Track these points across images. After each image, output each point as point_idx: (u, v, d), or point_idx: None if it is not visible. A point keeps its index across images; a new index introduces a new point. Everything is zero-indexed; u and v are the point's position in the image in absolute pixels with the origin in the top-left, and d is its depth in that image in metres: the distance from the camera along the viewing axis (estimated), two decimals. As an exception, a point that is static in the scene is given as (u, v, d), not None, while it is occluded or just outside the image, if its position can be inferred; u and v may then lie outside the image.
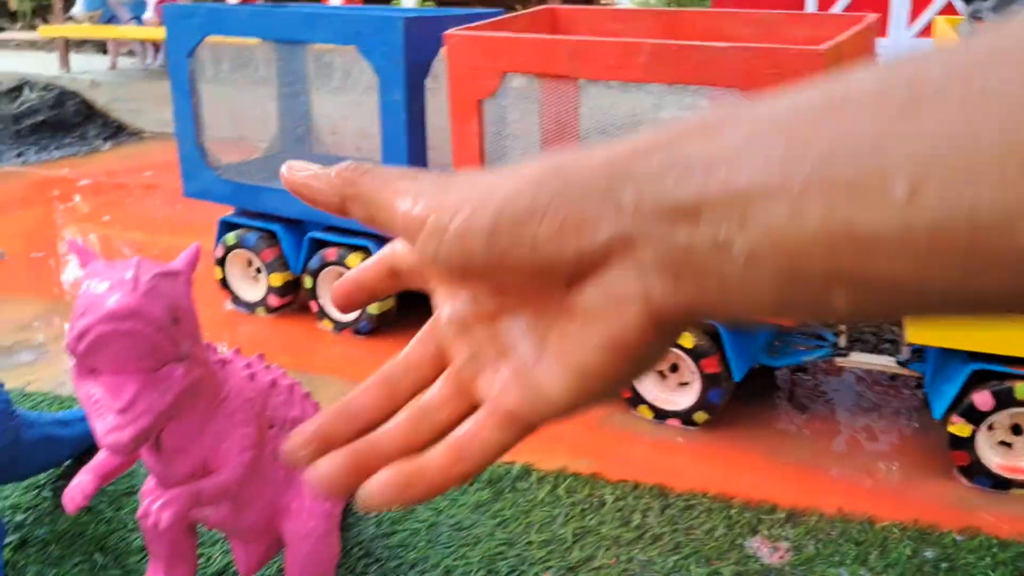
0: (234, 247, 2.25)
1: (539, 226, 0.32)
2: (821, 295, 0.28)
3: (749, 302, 0.30)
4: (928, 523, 1.44)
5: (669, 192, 0.30)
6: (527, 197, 0.33)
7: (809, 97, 0.28)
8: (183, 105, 2.22)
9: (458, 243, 0.33)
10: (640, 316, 0.33)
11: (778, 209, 0.27)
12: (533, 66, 1.67)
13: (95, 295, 0.51)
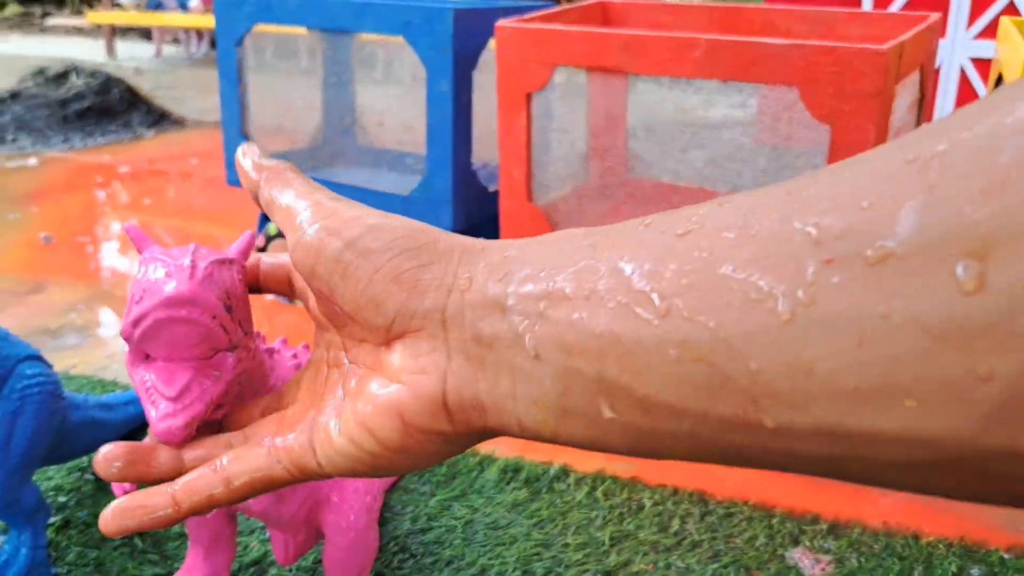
0: (275, 237, 2.25)
1: (383, 265, 0.35)
2: (591, 402, 0.30)
3: (534, 400, 0.32)
4: (975, 540, 1.40)
5: (491, 287, 0.33)
6: (384, 240, 0.36)
7: (623, 224, 0.32)
8: (230, 94, 2.22)
9: (314, 249, 0.37)
10: (433, 392, 0.35)
11: (566, 312, 0.30)
12: (585, 59, 1.64)
13: (152, 281, 0.50)
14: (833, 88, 1.40)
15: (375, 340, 0.38)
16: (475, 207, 2.01)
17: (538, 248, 0.34)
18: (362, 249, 0.36)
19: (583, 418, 0.31)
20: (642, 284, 0.28)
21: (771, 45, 1.44)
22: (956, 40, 2.73)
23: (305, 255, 0.38)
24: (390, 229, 0.37)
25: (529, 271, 0.33)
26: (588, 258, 0.31)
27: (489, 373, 0.33)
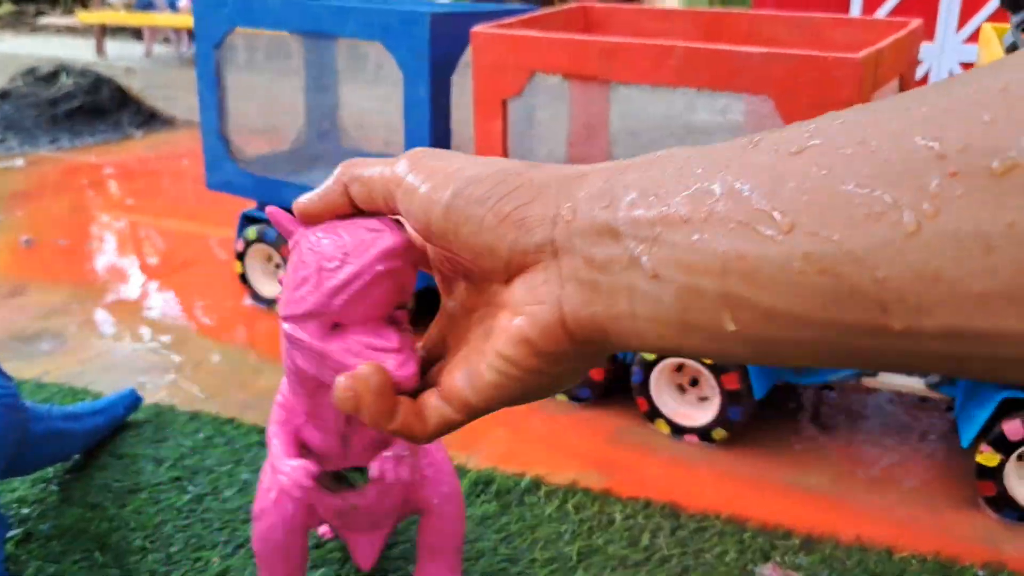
0: (254, 242, 2.23)
1: (488, 211, 0.38)
2: (713, 316, 0.32)
3: (654, 318, 0.34)
4: (950, 556, 1.38)
5: (598, 214, 0.35)
6: (486, 186, 0.38)
7: (726, 145, 0.33)
8: (209, 96, 2.20)
9: (424, 205, 0.39)
10: (550, 319, 0.37)
11: (684, 235, 0.32)
12: (561, 66, 1.62)
13: (352, 242, 0.51)
14: (808, 98, 1.38)
15: (497, 280, 0.40)
16: (454, 213, 1.99)
17: (639, 173, 0.35)
18: (467, 200, 0.38)
19: (705, 332, 0.33)
20: (762, 203, 0.30)
21: (746, 54, 1.42)
22: (945, 44, 2.71)
23: (420, 214, 0.40)
24: (488, 176, 0.39)
25: (635, 196, 0.34)
26: (700, 180, 0.32)
27: (604, 295, 0.35)
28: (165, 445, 1.63)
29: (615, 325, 0.36)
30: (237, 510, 1.44)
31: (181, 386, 1.88)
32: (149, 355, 2.03)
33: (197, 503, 1.46)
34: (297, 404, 0.89)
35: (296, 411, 0.91)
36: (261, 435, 1.68)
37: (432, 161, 0.41)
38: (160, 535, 1.38)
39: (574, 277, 0.36)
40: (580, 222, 0.36)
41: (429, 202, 0.40)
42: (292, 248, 0.56)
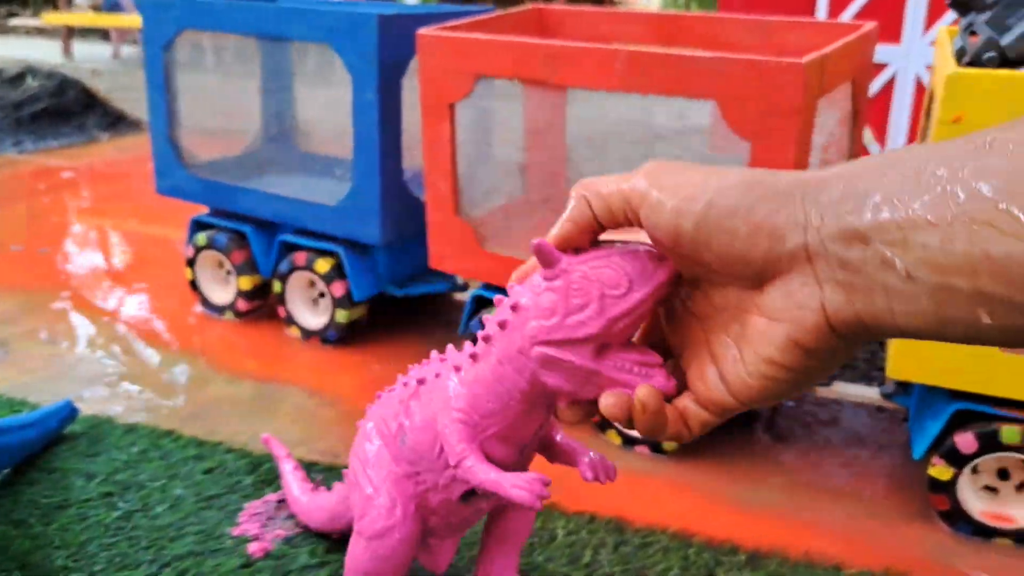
0: (204, 248, 2.18)
1: (740, 222, 0.40)
2: (969, 312, 0.34)
3: (912, 313, 0.37)
4: (900, 572, 1.35)
5: (845, 218, 0.38)
6: (733, 198, 0.41)
7: (957, 146, 0.35)
8: (158, 100, 2.15)
9: (674, 219, 0.42)
10: (817, 321, 0.40)
11: (933, 237, 0.34)
12: (507, 70, 1.58)
13: (635, 270, 0.58)
14: (753, 103, 1.35)
15: (742, 286, 0.43)
16: (406, 218, 1.95)
17: (877, 177, 0.37)
18: (719, 212, 0.41)
19: (962, 324, 0.35)
20: (1004, 204, 0.32)
21: (691, 59, 1.39)
22: (912, 47, 2.68)
23: (669, 227, 0.43)
24: (733, 187, 0.41)
25: (878, 199, 0.36)
26: (940, 184, 0.34)
27: (861, 294, 0.38)
28: (98, 459, 1.58)
29: (876, 320, 0.38)
30: (167, 527, 1.39)
31: (123, 397, 1.83)
32: (94, 365, 1.97)
33: (126, 520, 1.41)
34: (497, 422, 0.87)
35: (482, 427, 0.88)
36: (200, 448, 1.63)
37: (672, 176, 0.44)
38: (84, 554, 1.33)
39: (831, 279, 0.39)
40: (829, 227, 0.38)
41: (678, 215, 0.43)
42: (555, 277, 0.63)
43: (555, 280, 0.64)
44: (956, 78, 1.22)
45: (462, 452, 0.89)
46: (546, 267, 0.64)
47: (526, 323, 0.70)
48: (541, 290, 0.66)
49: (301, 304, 2.10)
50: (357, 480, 1.11)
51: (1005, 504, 1.45)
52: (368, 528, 1.07)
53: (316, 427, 1.73)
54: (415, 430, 1.00)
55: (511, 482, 0.86)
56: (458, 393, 0.89)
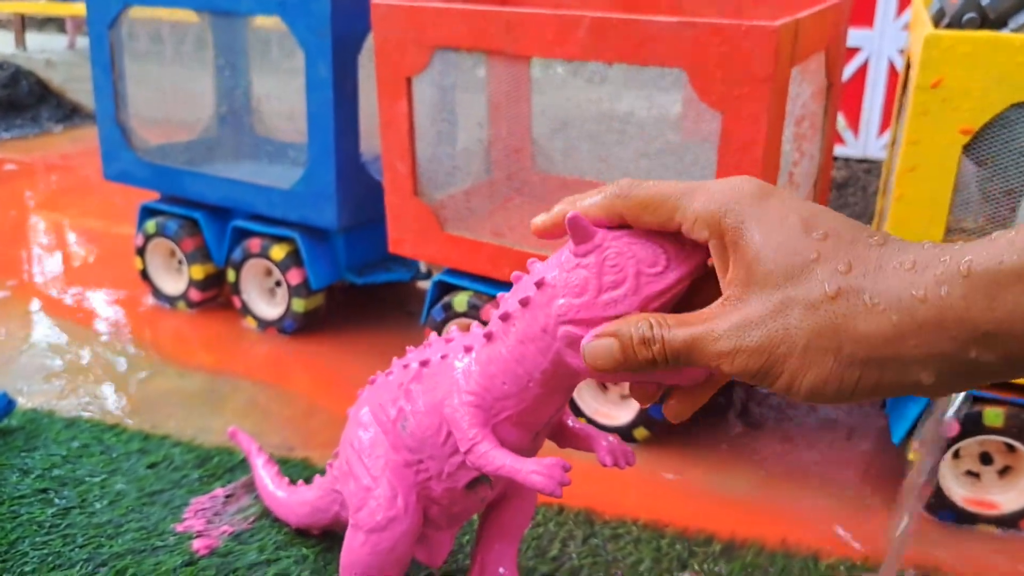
0: (154, 235, 2.08)
1: (849, 399, 0.43)
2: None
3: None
4: (880, 561, 1.29)
5: (974, 361, 0.39)
6: (832, 384, 0.41)
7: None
8: (103, 81, 2.05)
9: (779, 391, 0.44)
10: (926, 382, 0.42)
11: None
12: (465, 41, 1.51)
13: (673, 251, 0.57)
14: (722, 71, 1.28)
15: None
16: (365, 202, 1.87)
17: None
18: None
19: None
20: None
21: (657, 24, 1.32)
22: (884, 30, 2.64)
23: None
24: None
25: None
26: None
27: None
28: (35, 454, 1.48)
29: None
30: (105, 524, 1.30)
31: (65, 390, 1.73)
32: (36, 357, 1.87)
33: (62, 517, 1.32)
34: (513, 405, 0.82)
35: (496, 411, 0.83)
36: (144, 443, 1.54)
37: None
38: (14, 553, 1.24)
39: None
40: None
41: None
42: (588, 252, 0.60)
43: (588, 256, 0.61)
44: (934, 40, 1.16)
45: (475, 437, 0.83)
46: (579, 242, 0.60)
47: (553, 301, 0.66)
48: (572, 266, 0.62)
49: (256, 293, 2.01)
50: (351, 471, 1.03)
51: (988, 490, 1.39)
52: (367, 521, 0.99)
53: (269, 420, 1.64)
54: (418, 415, 0.93)
55: (530, 468, 0.80)
56: (470, 375, 0.84)
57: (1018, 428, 1.32)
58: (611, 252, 0.59)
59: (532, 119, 1.94)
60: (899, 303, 0.39)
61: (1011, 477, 1.38)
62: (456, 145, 1.89)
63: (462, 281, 1.67)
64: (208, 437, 1.57)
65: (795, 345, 0.42)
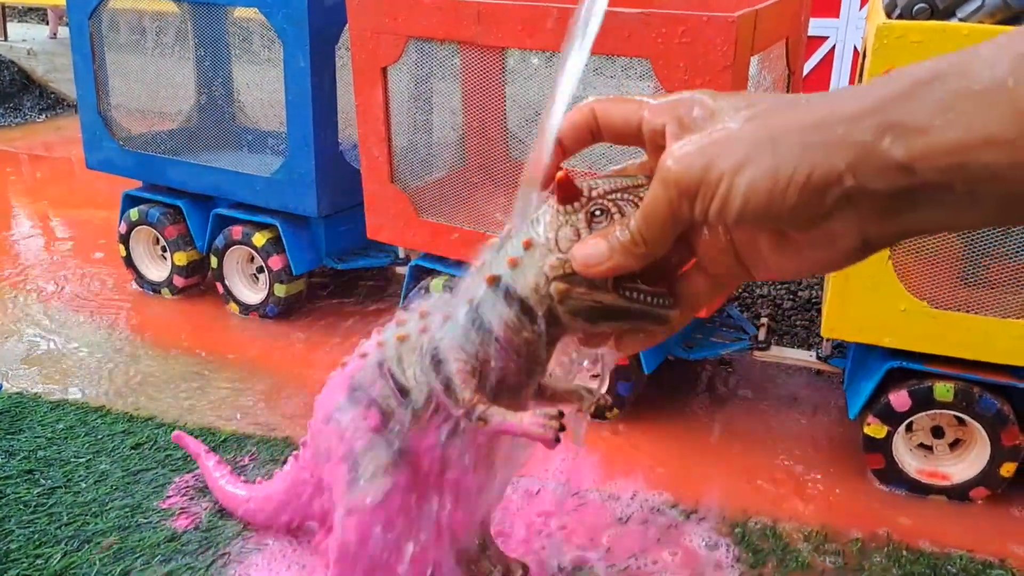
0: (138, 223, 2.12)
1: (782, 205, 0.42)
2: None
3: (969, 221, 0.40)
4: (836, 529, 1.35)
5: (886, 153, 0.39)
6: (769, 172, 0.42)
7: (974, 57, 0.37)
8: (85, 70, 2.09)
9: (716, 212, 0.44)
10: (853, 246, 0.43)
11: (995, 155, 0.36)
12: (438, 31, 1.55)
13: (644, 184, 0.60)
14: (685, 60, 1.33)
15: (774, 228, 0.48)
16: (344, 189, 1.91)
17: (908, 101, 0.39)
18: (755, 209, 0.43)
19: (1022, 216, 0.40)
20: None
21: (623, 15, 1.36)
22: (849, 20, 2.70)
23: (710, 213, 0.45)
24: (760, 157, 0.42)
25: (917, 127, 0.39)
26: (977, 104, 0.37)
27: (908, 215, 0.42)
28: (21, 436, 1.52)
29: (923, 230, 0.43)
30: (90, 503, 1.35)
31: (51, 374, 1.77)
32: (22, 342, 1.91)
33: (47, 496, 1.36)
34: (506, 366, 0.84)
35: (485, 373, 0.85)
36: (129, 424, 1.58)
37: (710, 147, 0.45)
38: (0, 532, 1.28)
39: (875, 214, 0.42)
40: (869, 167, 0.40)
41: (723, 209, 0.44)
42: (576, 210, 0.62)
43: (576, 212, 0.62)
44: (886, 29, 1.21)
45: (471, 400, 0.86)
46: (565, 201, 0.62)
47: (544, 258, 0.68)
48: (559, 225, 0.64)
49: (239, 279, 2.05)
50: (331, 456, 1.04)
51: (940, 461, 1.45)
52: (359, 501, 1.00)
53: (252, 402, 1.69)
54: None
55: (528, 421, 0.84)
56: (457, 342, 0.85)
57: (967, 402, 1.38)
58: (595, 208, 0.60)
59: (506, 108, 1.98)
60: (827, 100, 0.42)
61: (961, 450, 1.44)
62: (432, 134, 1.93)
63: (438, 266, 1.71)
64: (192, 418, 1.61)
65: (735, 144, 0.43)
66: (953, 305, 1.35)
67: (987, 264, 1.38)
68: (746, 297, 2.16)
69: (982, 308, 1.34)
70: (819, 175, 0.40)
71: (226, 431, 1.57)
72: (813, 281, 2.23)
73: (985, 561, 1.30)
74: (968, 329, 1.34)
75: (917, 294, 1.35)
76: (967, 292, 1.37)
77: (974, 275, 1.38)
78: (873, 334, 1.39)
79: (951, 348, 1.36)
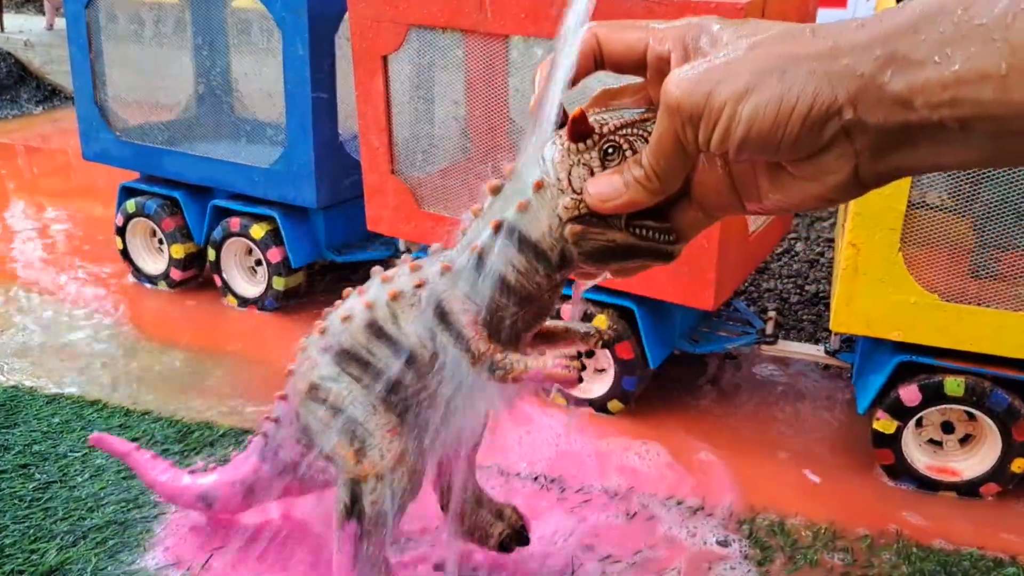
0: (135, 215, 2.09)
1: (781, 139, 0.42)
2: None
3: (960, 157, 0.40)
4: (842, 526, 1.33)
5: (887, 85, 0.39)
6: (774, 101, 0.42)
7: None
8: (81, 61, 2.06)
9: (719, 139, 0.44)
10: (845, 181, 0.43)
11: (985, 91, 0.37)
12: (440, 19, 1.52)
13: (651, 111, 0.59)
14: (692, 47, 1.30)
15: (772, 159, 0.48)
16: (344, 180, 1.88)
17: (911, 35, 0.39)
18: (757, 140, 0.43)
19: (1013, 154, 0.40)
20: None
21: (628, 2, 1.34)
22: (856, 11, 2.67)
23: (712, 142, 0.44)
24: (764, 86, 0.42)
25: (917, 60, 0.39)
26: (981, 35, 0.37)
27: (903, 151, 0.42)
28: (16, 430, 1.50)
29: (916, 167, 0.42)
30: (86, 498, 1.32)
31: (47, 368, 1.74)
32: (19, 336, 1.88)
33: (43, 491, 1.34)
34: (512, 314, 0.81)
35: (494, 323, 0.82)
36: (126, 418, 1.56)
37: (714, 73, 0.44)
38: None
39: (870, 148, 0.42)
40: (868, 98, 0.40)
41: (724, 137, 0.44)
42: (587, 148, 0.61)
43: (589, 151, 0.60)
44: (896, 17, 1.19)
45: (487, 351, 0.82)
46: (578, 139, 0.60)
47: (556, 199, 0.65)
48: (571, 164, 0.62)
49: (237, 272, 2.03)
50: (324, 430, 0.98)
51: (950, 457, 1.43)
52: (371, 467, 0.96)
53: (249, 396, 1.66)
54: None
55: (552, 364, 0.82)
56: (463, 292, 0.81)
57: (978, 397, 1.35)
58: (607, 144, 0.59)
59: (509, 98, 1.96)
60: (833, 31, 0.41)
61: (972, 445, 1.42)
62: (433, 124, 1.90)
63: (438, 258, 1.69)
64: (188, 413, 1.59)
65: (738, 71, 0.43)
66: (964, 298, 1.33)
67: (998, 256, 1.36)
68: (753, 291, 2.13)
69: (993, 301, 1.32)
70: (821, 105, 0.40)
71: (224, 425, 1.54)
72: (820, 275, 2.20)
73: (996, 558, 1.27)
74: (979, 322, 1.32)
75: (927, 287, 1.33)
76: (978, 285, 1.34)
77: (985, 267, 1.36)
78: (882, 328, 1.36)
79: (962, 342, 1.34)
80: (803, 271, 2.23)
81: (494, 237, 0.75)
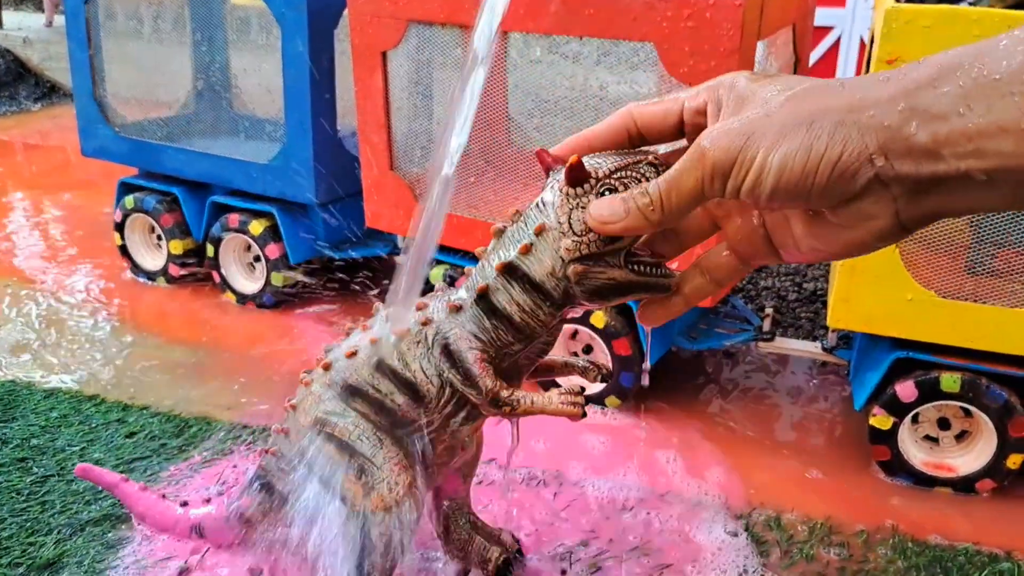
0: (133, 211, 2.09)
1: (811, 186, 0.44)
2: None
3: (992, 202, 0.42)
4: (839, 521, 1.33)
5: (913, 137, 0.41)
6: (803, 150, 0.44)
7: (995, 47, 0.40)
8: (80, 56, 2.06)
9: (749, 188, 0.46)
10: (888, 227, 0.44)
11: (1008, 143, 0.38)
12: (438, 15, 1.53)
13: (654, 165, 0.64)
14: (690, 45, 1.31)
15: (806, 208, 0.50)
16: (342, 177, 1.88)
17: (932, 89, 0.41)
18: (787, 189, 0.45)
19: None
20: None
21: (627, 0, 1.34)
22: (856, 10, 2.67)
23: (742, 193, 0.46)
24: (791, 142, 0.44)
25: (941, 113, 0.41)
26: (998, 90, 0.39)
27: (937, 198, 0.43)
28: (14, 424, 1.50)
29: (953, 211, 0.44)
30: (83, 492, 1.32)
31: (45, 363, 1.74)
32: (17, 330, 1.89)
33: (40, 485, 1.34)
34: (516, 351, 0.86)
35: (499, 359, 0.86)
36: (123, 413, 1.56)
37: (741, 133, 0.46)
38: (-7, 520, 1.26)
39: (905, 196, 0.44)
40: (897, 150, 0.42)
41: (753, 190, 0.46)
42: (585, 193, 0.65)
43: (587, 195, 0.64)
44: (895, 13, 1.19)
45: (494, 387, 0.85)
46: (576, 184, 0.64)
47: (558, 241, 0.70)
48: (571, 208, 0.67)
49: (236, 268, 2.03)
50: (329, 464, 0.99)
51: (946, 454, 1.43)
52: (382, 501, 0.96)
53: (248, 393, 1.67)
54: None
55: (557, 401, 0.85)
56: (469, 331, 0.85)
57: (974, 393, 1.36)
58: (605, 183, 0.63)
59: (508, 95, 1.96)
60: (861, 85, 0.43)
61: (968, 441, 1.43)
62: (432, 120, 1.90)
63: (438, 255, 1.69)
64: (186, 408, 1.59)
65: (771, 124, 0.45)
66: (960, 295, 1.33)
67: (994, 253, 1.36)
68: (750, 289, 2.14)
69: (989, 297, 1.32)
70: (851, 154, 0.42)
71: (221, 420, 1.55)
72: (818, 273, 2.21)
73: (991, 554, 1.28)
74: (975, 319, 1.32)
75: (924, 283, 1.33)
76: (974, 281, 1.35)
77: (981, 264, 1.36)
78: (879, 324, 1.37)
79: (958, 338, 1.34)
80: (801, 268, 2.24)
81: (499, 278, 0.79)
